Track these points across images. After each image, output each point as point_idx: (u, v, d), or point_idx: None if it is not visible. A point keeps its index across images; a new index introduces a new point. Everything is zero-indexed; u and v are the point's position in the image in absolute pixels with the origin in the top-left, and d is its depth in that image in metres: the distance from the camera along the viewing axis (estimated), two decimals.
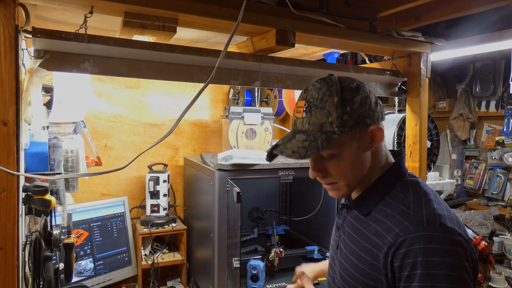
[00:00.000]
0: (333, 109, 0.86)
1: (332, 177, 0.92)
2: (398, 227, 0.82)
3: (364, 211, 0.93)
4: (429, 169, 2.33)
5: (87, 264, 2.21)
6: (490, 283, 2.46)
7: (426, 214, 0.82)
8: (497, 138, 3.24)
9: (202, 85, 1.14)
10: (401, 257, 0.80)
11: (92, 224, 2.31)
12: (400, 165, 0.95)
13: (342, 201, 1.04)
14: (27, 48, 1.22)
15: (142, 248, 2.42)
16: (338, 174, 0.90)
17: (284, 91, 2.64)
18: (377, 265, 0.84)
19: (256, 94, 2.79)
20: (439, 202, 0.87)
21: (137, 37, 1.41)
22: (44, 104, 1.72)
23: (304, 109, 0.89)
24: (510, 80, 2.72)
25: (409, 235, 0.80)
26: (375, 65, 2.16)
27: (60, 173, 1.58)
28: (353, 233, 0.94)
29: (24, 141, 1.26)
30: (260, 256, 2.15)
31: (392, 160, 0.96)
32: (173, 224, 2.47)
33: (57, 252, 1.35)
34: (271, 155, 0.96)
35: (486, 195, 3.36)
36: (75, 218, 2.20)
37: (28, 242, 1.25)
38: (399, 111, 2.21)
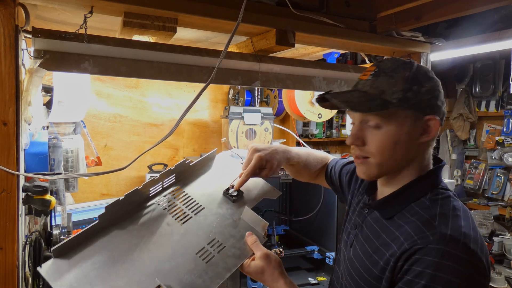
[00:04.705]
0: (401, 82, 0.83)
1: (368, 150, 0.87)
2: (418, 235, 0.78)
3: (387, 215, 0.88)
4: None
5: None
6: (490, 283, 2.46)
7: (451, 229, 0.77)
8: (497, 138, 3.24)
9: (201, 85, 1.14)
10: (411, 262, 0.76)
11: None
12: (436, 174, 0.90)
13: (366, 200, 0.99)
14: (27, 48, 1.21)
15: None
16: (376, 147, 0.85)
17: (284, 91, 2.64)
18: (385, 268, 0.81)
19: (256, 94, 2.79)
20: (468, 220, 0.81)
21: (137, 37, 1.41)
22: (44, 104, 1.72)
23: (373, 73, 0.87)
24: (510, 80, 2.72)
25: (427, 246, 0.76)
26: None
27: (60, 173, 1.58)
28: (371, 234, 0.90)
29: (24, 141, 1.25)
30: None
31: (431, 167, 0.91)
32: None
33: None
34: (322, 99, 0.92)
35: (486, 195, 3.37)
36: (75, 218, 2.19)
37: (28, 242, 1.25)
38: None
